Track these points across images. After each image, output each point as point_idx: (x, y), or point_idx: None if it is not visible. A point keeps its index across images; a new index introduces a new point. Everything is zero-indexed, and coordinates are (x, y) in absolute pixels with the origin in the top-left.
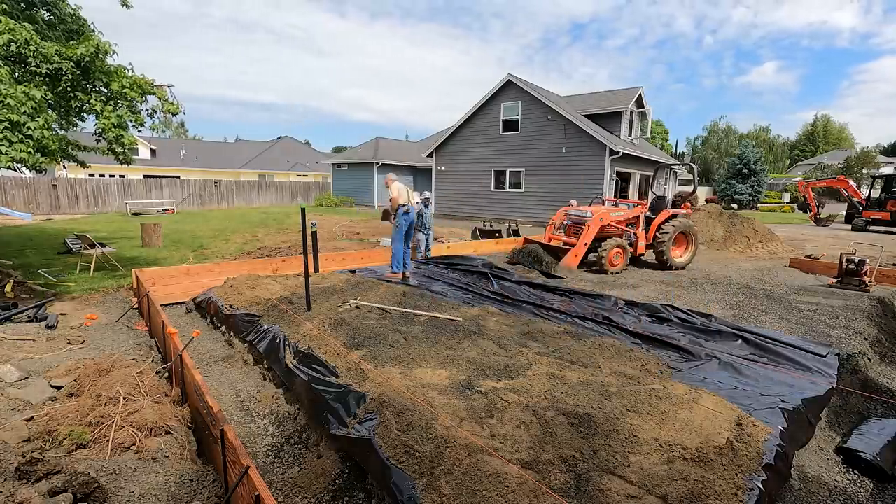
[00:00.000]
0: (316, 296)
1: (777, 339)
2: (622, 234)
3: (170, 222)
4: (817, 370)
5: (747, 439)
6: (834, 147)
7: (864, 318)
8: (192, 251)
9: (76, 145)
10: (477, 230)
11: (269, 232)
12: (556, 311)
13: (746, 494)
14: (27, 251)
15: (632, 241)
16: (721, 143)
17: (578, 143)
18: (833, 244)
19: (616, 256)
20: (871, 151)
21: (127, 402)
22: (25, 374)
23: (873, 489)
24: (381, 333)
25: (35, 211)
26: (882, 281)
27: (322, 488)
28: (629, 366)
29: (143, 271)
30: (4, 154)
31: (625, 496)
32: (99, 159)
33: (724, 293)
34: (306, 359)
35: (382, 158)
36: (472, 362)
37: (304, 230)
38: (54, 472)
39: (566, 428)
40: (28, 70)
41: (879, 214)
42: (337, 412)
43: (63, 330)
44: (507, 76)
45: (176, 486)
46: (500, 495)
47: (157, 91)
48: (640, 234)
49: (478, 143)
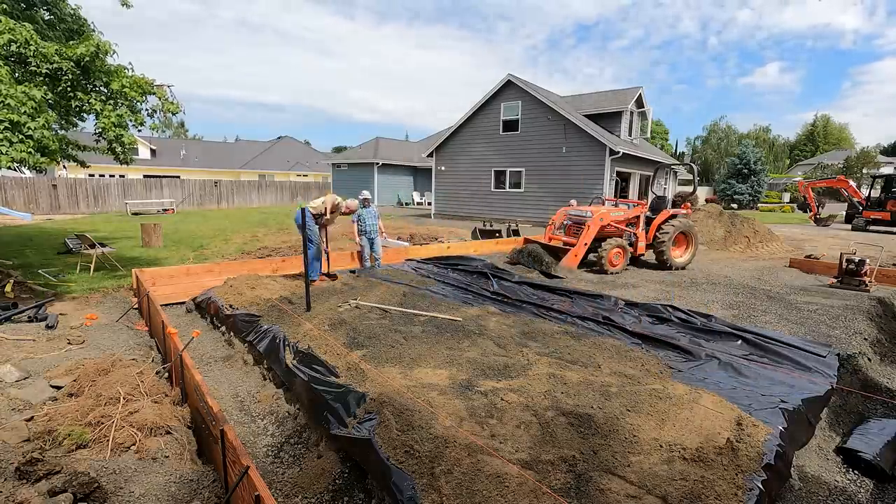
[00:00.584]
0: (316, 296)
1: (777, 340)
2: (622, 234)
3: (170, 222)
4: (817, 370)
5: (747, 439)
6: (834, 147)
7: (864, 318)
8: (192, 251)
9: (76, 145)
10: (477, 230)
11: (269, 232)
12: (556, 311)
13: (746, 494)
14: (27, 251)
15: (632, 241)
16: (721, 143)
17: (578, 143)
18: (833, 244)
19: (616, 256)
20: (871, 151)
21: (127, 402)
22: (25, 374)
23: (873, 489)
24: (381, 333)
25: (35, 211)
26: (882, 281)
27: (322, 488)
28: (629, 366)
29: (143, 271)
30: (5, 154)
31: (625, 496)
32: (99, 159)
33: (724, 293)
34: (306, 359)
35: (382, 158)
36: (472, 362)
37: (304, 230)
38: (54, 472)
39: (566, 428)
40: (28, 70)
41: (879, 214)
42: (337, 412)
43: (63, 330)
44: (507, 76)
45: (176, 486)
46: (500, 495)
47: (156, 91)
48: (640, 234)
49: (478, 143)
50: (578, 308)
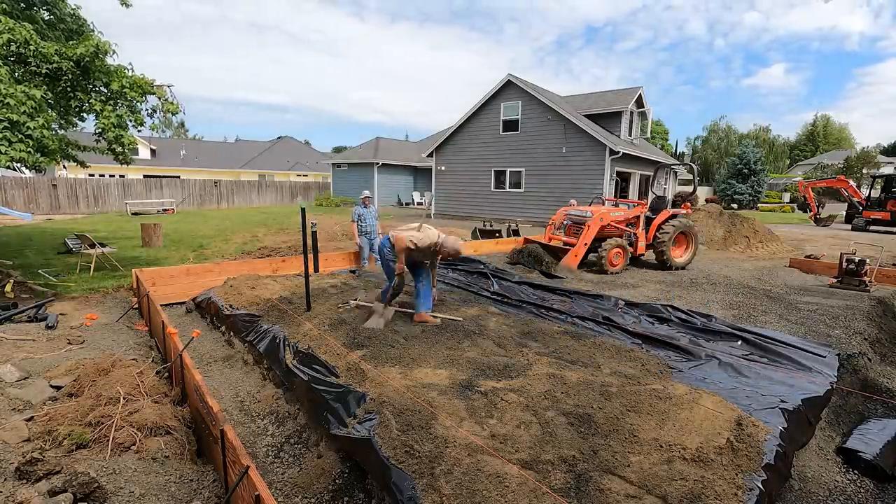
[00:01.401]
0: (316, 296)
1: (777, 340)
2: (622, 234)
3: (170, 222)
4: (817, 370)
5: (747, 439)
6: (834, 147)
7: (864, 318)
8: (192, 251)
9: (76, 145)
10: (477, 230)
11: (269, 232)
12: (557, 310)
13: (746, 494)
14: (27, 251)
15: (632, 241)
16: (721, 143)
17: (578, 143)
18: (833, 244)
19: (616, 256)
20: (871, 151)
21: (127, 402)
22: (25, 374)
23: (873, 489)
24: (381, 333)
25: (35, 211)
26: (882, 281)
27: (322, 488)
28: (629, 366)
29: (143, 271)
30: (4, 154)
31: (625, 496)
32: (99, 159)
33: (724, 293)
34: (306, 359)
35: (382, 158)
36: (472, 362)
37: (304, 230)
38: (54, 472)
39: (566, 428)
40: (28, 70)
41: (879, 214)
42: (337, 412)
43: (63, 330)
44: (507, 76)
45: (176, 486)
46: (500, 495)
47: (156, 91)
48: (640, 233)
49: (478, 143)
50: (578, 308)
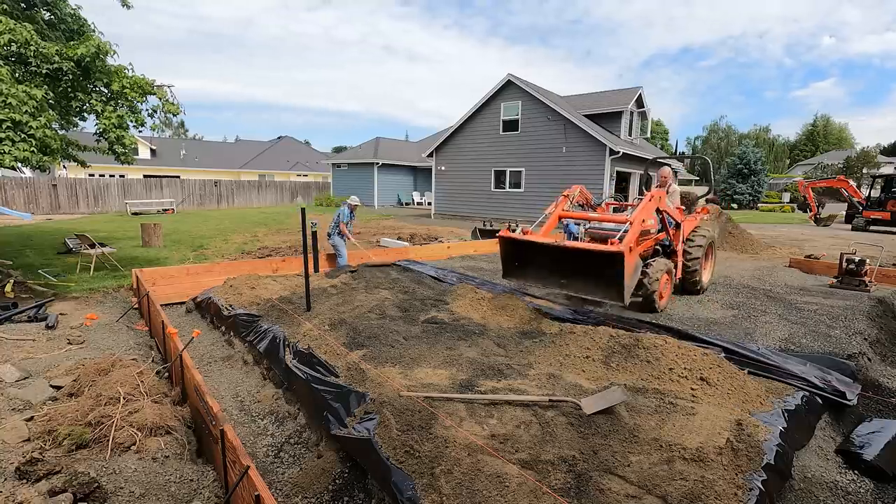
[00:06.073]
0: (316, 296)
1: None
2: (651, 248)
3: (170, 222)
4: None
5: (747, 439)
6: (834, 147)
7: (864, 318)
8: (191, 251)
9: (77, 145)
10: (477, 230)
11: (269, 232)
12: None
13: (746, 494)
14: (27, 251)
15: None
16: (721, 143)
17: (578, 143)
18: (833, 244)
19: (665, 286)
20: (871, 151)
21: (127, 402)
22: (25, 374)
23: (873, 489)
24: (380, 333)
25: (35, 211)
26: (882, 281)
27: (322, 488)
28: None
29: (143, 271)
30: (8, 154)
31: (625, 496)
32: (99, 159)
33: (724, 293)
34: (306, 359)
35: (382, 158)
36: (472, 362)
37: (304, 230)
38: (54, 472)
39: (566, 428)
40: (29, 70)
41: (879, 214)
42: (337, 412)
43: (63, 330)
44: (506, 76)
45: (176, 486)
46: (500, 495)
47: (157, 91)
48: (679, 248)
49: (478, 143)
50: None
